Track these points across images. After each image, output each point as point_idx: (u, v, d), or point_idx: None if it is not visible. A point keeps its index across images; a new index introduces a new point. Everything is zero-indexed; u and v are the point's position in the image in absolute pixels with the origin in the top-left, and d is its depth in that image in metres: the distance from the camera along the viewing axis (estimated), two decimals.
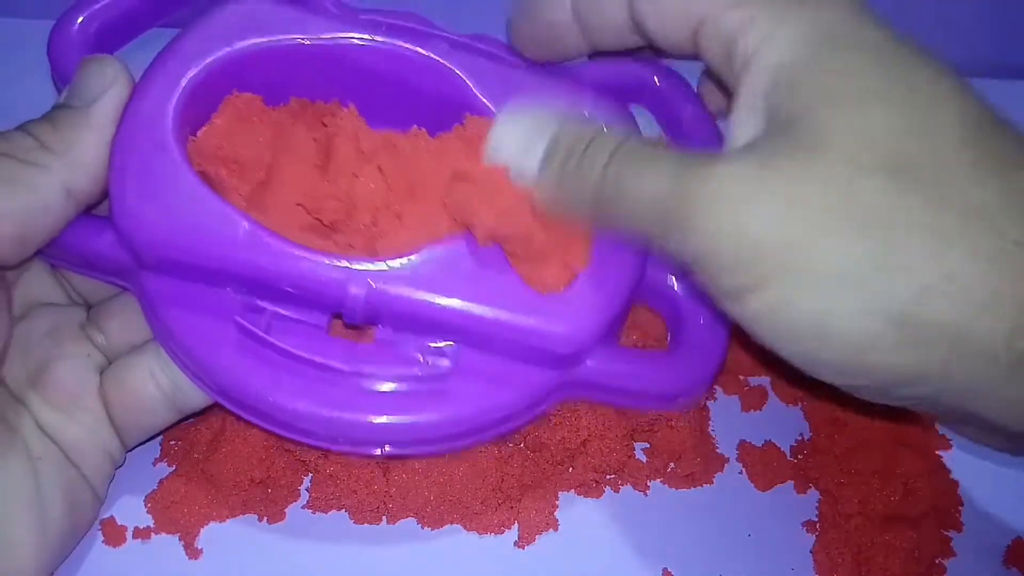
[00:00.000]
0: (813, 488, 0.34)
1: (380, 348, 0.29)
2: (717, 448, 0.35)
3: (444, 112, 0.31)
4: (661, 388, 0.31)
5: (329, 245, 0.29)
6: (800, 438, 0.35)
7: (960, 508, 0.33)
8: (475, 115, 0.31)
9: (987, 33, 0.52)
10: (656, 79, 0.34)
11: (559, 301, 0.29)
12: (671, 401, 0.32)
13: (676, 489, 0.34)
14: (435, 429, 0.29)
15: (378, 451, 0.29)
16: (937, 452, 0.35)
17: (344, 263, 0.28)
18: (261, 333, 0.28)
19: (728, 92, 0.27)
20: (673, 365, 0.31)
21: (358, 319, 0.28)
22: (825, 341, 0.23)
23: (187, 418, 0.31)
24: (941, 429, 0.35)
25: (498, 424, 0.30)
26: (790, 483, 0.34)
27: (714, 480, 0.34)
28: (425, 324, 0.29)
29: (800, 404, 0.36)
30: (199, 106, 0.30)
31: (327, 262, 0.28)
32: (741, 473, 0.34)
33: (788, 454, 0.35)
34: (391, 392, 0.29)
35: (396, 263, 0.28)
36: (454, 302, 0.28)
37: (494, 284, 0.28)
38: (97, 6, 0.31)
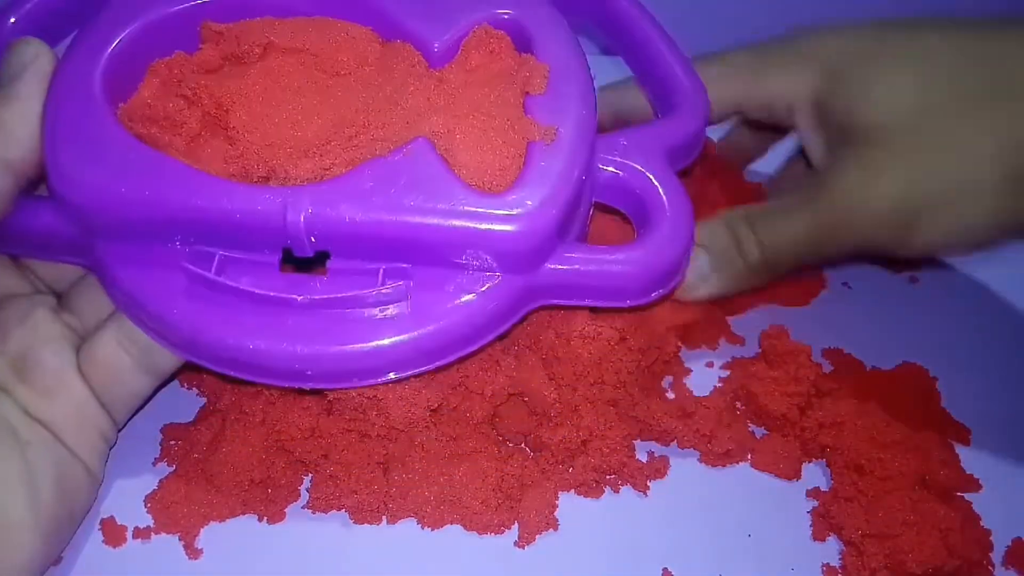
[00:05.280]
0: (835, 537, 0.33)
1: (334, 277, 0.29)
2: (749, 427, 0.35)
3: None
4: (632, 281, 0.30)
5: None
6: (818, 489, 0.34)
7: (991, 555, 0.32)
8: (402, 39, 0.32)
9: None
10: None
11: (504, 200, 0.28)
12: (645, 294, 0.31)
13: (713, 466, 0.34)
14: (403, 351, 0.28)
15: (350, 383, 0.29)
16: (966, 497, 0.33)
17: (280, 191, 0.27)
18: (209, 275, 0.28)
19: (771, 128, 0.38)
20: (641, 255, 0.30)
21: (306, 249, 0.28)
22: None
23: (168, 381, 0.32)
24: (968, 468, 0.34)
25: (469, 339, 0.29)
26: (790, 483, 0.34)
27: (748, 458, 0.34)
28: (373, 244, 0.28)
29: (823, 451, 0.35)
30: (125, 75, 0.30)
31: (263, 192, 0.28)
32: (747, 470, 0.34)
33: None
34: (351, 319, 0.28)
35: (332, 184, 0.28)
36: (396, 215, 0.28)
37: (436, 192, 0.28)
38: (27, 7, 0.32)
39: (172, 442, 0.33)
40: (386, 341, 0.28)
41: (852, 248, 0.34)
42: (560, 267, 0.30)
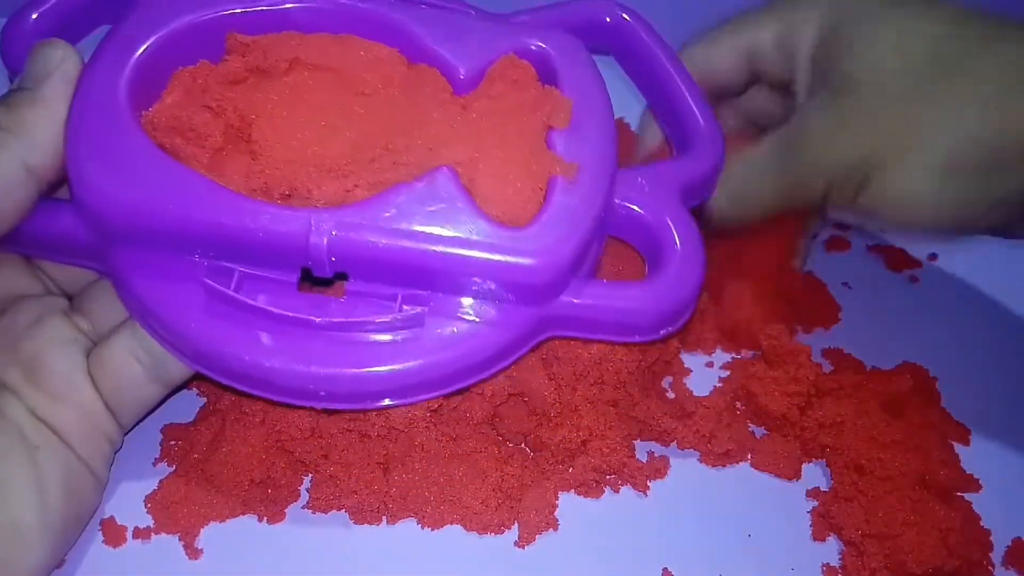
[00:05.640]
0: (835, 537, 0.33)
1: (352, 300, 0.29)
2: (749, 427, 0.35)
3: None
4: (643, 317, 0.31)
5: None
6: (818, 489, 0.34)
7: (991, 555, 0.32)
8: (428, 63, 0.32)
9: None
10: (608, 18, 0.36)
11: (524, 234, 0.29)
12: (654, 331, 0.31)
13: (713, 466, 0.34)
14: (416, 376, 0.29)
15: (361, 405, 0.29)
16: (966, 497, 0.34)
17: (304, 213, 0.28)
18: (229, 291, 0.28)
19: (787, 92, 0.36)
20: (652, 293, 0.31)
21: (326, 270, 0.28)
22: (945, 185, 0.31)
23: (178, 390, 0.32)
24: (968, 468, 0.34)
25: (481, 367, 0.30)
26: (790, 483, 0.34)
27: (748, 458, 0.34)
28: (393, 270, 0.28)
29: (823, 451, 0.35)
30: (149, 82, 0.30)
31: (288, 213, 0.28)
32: (747, 470, 0.34)
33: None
34: (367, 342, 0.28)
35: (356, 209, 0.28)
36: (417, 244, 0.28)
37: (457, 223, 0.28)
38: (50, 3, 0.32)
39: (172, 442, 0.33)
40: (399, 366, 0.28)
41: (818, 200, 0.34)
42: (572, 301, 0.30)
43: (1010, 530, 0.33)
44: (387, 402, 0.29)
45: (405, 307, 0.29)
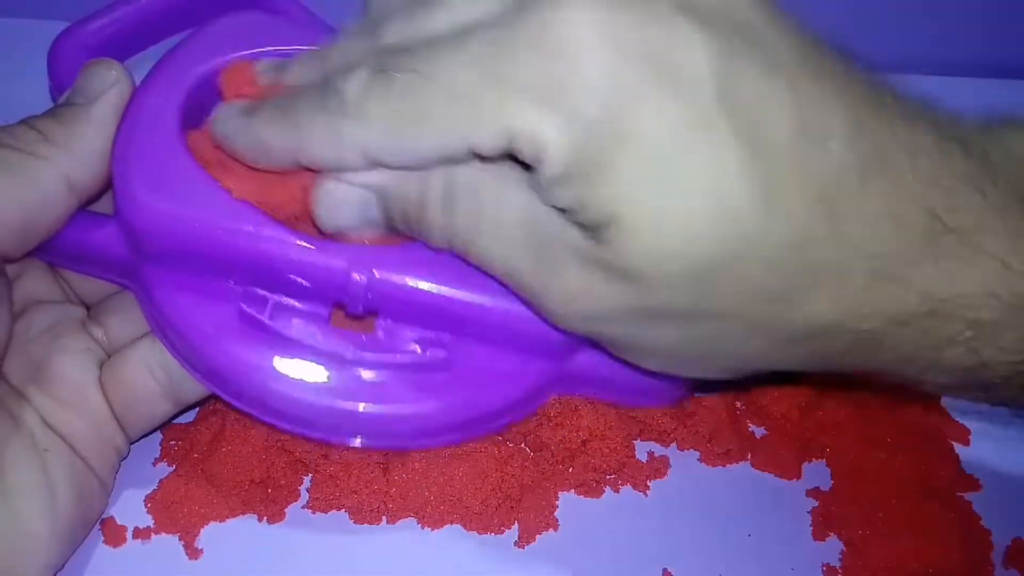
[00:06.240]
0: (835, 537, 0.33)
1: (382, 337, 0.29)
2: (749, 427, 0.35)
3: None
4: (659, 382, 0.31)
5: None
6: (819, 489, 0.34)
7: (991, 555, 0.32)
8: None
9: (985, 32, 0.52)
10: None
11: None
12: (669, 397, 0.31)
13: (713, 466, 0.34)
14: (433, 420, 0.29)
15: (382, 444, 0.29)
16: (966, 497, 0.33)
17: (347, 252, 0.28)
18: (264, 319, 0.28)
19: None
20: None
21: (360, 309, 0.28)
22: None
23: (188, 409, 0.32)
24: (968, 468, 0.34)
25: (494, 417, 0.30)
26: (790, 483, 0.34)
27: (748, 458, 0.34)
28: (424, 313, 0.29)
29: (823, 452, 0.35)
30: (199, 107, 0.30)
31: (331, 248, 0.28)
32: (747, 470, 0.34)
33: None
34: (393, 382, 0.29)
35: (397, 251, 0.28)
36: (453, 290, 0.28)
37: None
38: (102, 22, 0.32)
39: (172, 442, 0.33)
40: (423, 408, 0.29)
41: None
42: (591, 359, 0.30)
43: (1010, 530, 0.33)
44: (411, 443, 0.30)
45: (434, 351, 0.29)
